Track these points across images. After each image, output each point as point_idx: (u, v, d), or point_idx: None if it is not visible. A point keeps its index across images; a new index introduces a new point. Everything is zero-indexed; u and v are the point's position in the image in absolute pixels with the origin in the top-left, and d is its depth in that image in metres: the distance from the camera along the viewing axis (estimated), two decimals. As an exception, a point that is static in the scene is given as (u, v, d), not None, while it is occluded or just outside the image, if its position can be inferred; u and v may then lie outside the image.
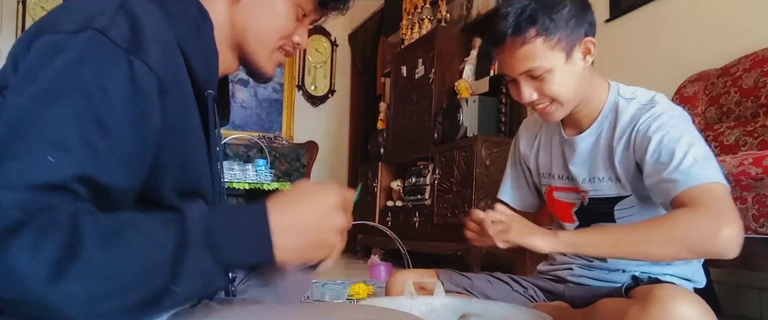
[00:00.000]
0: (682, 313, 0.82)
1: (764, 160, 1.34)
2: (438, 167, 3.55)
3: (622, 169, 1.14)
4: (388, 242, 3.44)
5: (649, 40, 2.64)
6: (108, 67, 0.60)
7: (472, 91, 3.54)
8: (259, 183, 3.57)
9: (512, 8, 1.09)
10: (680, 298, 0.84)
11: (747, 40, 2.13)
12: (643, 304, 0.85)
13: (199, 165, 0.76)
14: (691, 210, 0.94)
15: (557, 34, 1.08)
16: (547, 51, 1.08)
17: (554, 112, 1.16)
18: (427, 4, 4.32)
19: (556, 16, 1.08)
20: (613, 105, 1.17)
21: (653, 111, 1.10)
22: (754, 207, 1.34)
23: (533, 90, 1.13)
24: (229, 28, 0.82)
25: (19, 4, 4.97)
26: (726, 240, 0.89)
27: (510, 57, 1.11)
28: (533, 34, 1.07)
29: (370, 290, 2.33)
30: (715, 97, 2.09)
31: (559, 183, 1.28)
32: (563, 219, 1.30)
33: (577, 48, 1.11)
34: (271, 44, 0.85)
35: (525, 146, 1.38)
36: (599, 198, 1.20)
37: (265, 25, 0.83)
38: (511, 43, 1.09)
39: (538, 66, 1.09)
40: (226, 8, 0.81)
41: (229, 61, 0.85)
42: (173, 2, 0.73)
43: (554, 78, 1.10)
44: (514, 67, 1.12)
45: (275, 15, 0.83)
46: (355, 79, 5.96)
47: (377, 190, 4.36)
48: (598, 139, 1.18)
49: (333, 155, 5.92)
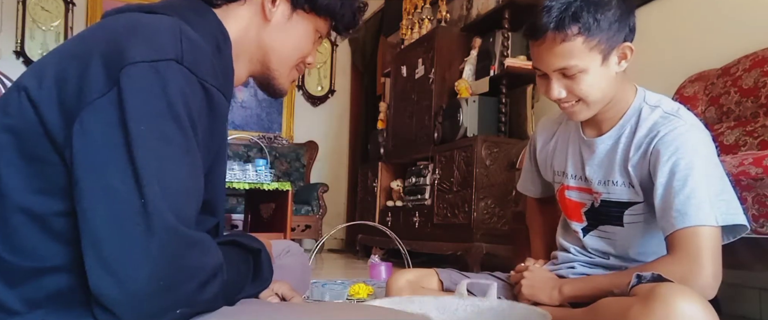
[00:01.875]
0: (685, 311, 0.82)
1: (764, 160, 1.34)
2: (438, 167, 3.55)
3: (636, 175, 1.14)
4: (388, 242, 3.44)
5: (648, 40, 2.64)
6: (192, 95, 0.68)
7: (472, 91, 3.54)
8: (259, 183, 3.56)
9: (556, 2, 1.06)
10: (683, 296, 0.84)
11: (747, 40, 2.13)
12: (646, 302, 0.85)
13: (219, 177, 0.83)
14: (673, 261, 1.02)
15: (599, 36, 1.06)
16: (586, 51, 1.07)
17: (579, 112, 1.15)
18: (427, 4, 4.32)
19: (601, 17, 1.05)
20: (637, 110, 1.17)
21: (675, 125, 1.09)
22: (754, 207, 1.34)
23: (563, 88, 1.12)
24: (253, 45, 0.88)
25: (19, 4, 4.98)
26: (698, 291, 0.95)
27: (547, 52, 1.09)
28: (575, 31, 1.05)
29: (370, 290, 2.33)
30: (715, 97, 2.09)
31: (573, 182, 1.28)
32: (572, 218, 1.29)
33: (615, 52, 1.10)
34: (292, 63, 0.93)
35: (542, 145, 1.38)
36: (612, 201, 1.20)
37: (290, 46, 0.91)
38: (551, 38, 1.07)
39: (574, 65, 1.08)
40: (254, 27, 0.88)
41: (239, 76, 0.90)
42: (199, 22, 0.79)
43: (586, 78, 1.09)
44: (549, 62, 1.10)
45: (299, 37, 0.91)
46: (355, 79, 5.96)
47: (377, 190, 4.36)
48: (617, 142, 1.18)
49: (333, 155, 5.92)
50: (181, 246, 0.63)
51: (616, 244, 1.23)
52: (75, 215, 0.63)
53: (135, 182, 0.61)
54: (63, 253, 0.66)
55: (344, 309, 0.93)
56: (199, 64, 0.69)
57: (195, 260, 0.65)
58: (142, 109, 0.63)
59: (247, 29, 0.87)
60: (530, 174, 1.46)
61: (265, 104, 5.73)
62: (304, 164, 5.63)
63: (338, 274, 3.28)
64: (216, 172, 0.81)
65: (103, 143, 0.62)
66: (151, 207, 0.61)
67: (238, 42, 0.85)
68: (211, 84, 0.71)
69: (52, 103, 0.66)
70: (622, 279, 1.03)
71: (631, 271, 1.04)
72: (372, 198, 4.44)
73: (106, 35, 0.69)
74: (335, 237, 5.53)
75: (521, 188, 1.51)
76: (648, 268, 1.03)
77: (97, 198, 0.61)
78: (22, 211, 0.66)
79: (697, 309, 0.83)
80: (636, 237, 1.19)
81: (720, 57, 2.19)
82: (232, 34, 0.84)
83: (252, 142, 5.26)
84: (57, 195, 0.66)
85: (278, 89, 0.94)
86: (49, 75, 0.67)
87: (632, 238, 1.20)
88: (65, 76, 0.66)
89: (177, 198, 0.64)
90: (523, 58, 3.36)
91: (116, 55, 0.65)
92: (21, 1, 4.97)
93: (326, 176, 5.74)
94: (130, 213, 0.60)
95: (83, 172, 0.62)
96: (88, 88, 0.64)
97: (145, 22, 0.70)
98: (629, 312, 0.87)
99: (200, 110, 0.69)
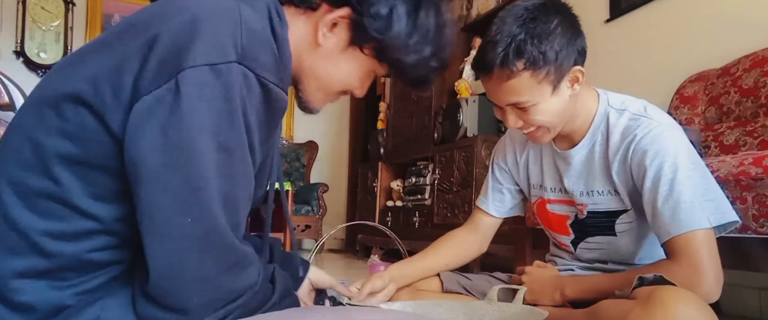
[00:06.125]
0: (684, 314, 0.82)
1: (764, 160, 1.34)
2: (438, 167, 3.55)
3: (620, 182, 1.13)
4: (388, 242, 3.44)
5: (649, 40, 2.64)
6: (250, 96, 0.65)
7: (472, 91, 3.54)
8: (259, 183, 3.56)
9: (501, 36, 1.02)
10: (682, 299, 0.83)
11: (747, 40, 2.13)
12: (645, 305, 0.85)
13: (265, 171, 0.83)
14: (673, 268, 1.00)
15: (546, 68, 1.03)
16: (534, 85, 1.04)
17: (542, 136, 1.14)
18: (427, 4, 4.32)
19: (546, 48, 1.01)
20: (604, 116, 1.15)
21: (649, 127, 1.07)
22: (754, 207, 1.34)
23: (518, 118, 1.10)
24: (295, 57, 0.77)
25: (19, 4, 4.97)
26: (703, 296, 0.95)
27: (496, 87, 1.07)
28: (521, 67, 1.02)
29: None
30: (715, 97, 2.08)
31: (553, 195, 1.26)
32: (558, 231, 1.28)
33: (565, 79, 1.07)
34: (334, 93, 0.85)
35: (513, 157, 1.35)
36: (600, 212, 1.18)
37: (333, 77, 0.82)
38: (498, 75, 1.04)
39: (525, 100, 1.06)
40: (301, 40, 0.79)
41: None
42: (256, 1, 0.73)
43: (539, 108, 1.07)
44: (499, 97, 1.09)
45: (349, 73, 0.82)
46: (355, 79, 5.96)
47: (377, 190, 4.36)
48: (592, 151, 1.16)
49: (333, 155, 5.92)
50: (229, 263, 0.68)
51: (609, 253, 1.21)
52: (133, 220, 0.65)
53: (196, 199, 0.62)
54: (120, 252, 0.70)
55: (367, 313, 0.92)
56: (259, 60, 0.65)
57: (236, 279, 0.70)
58: (203, 117, 0.61)
59: (296, 40, 0.77)
60: (495, 191, 1.37)
61: (265, 104, 5.72)
62: (304, 164, 5.63)
63: (338, 274, 3.28)
64: (263, 168, 0.79)
65: (163, 151, 0.61)
66: (212, 227, 0.64)
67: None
68: (271, 81, 0.66)
69: (115, 108, 0.64)
70: (625, 280, 1.02)
71: (634, 272, 1.03)
72: (372, 198, 4.44)
73: (162, 25, 0.64)
74: (335, 237, 5.53)
75: (483, 204, 1.38)
76: (649, 272, 1.01)
77: (155, 206, 0.62)
78: (85, 216, 0.67)
79: (697, 311, 0.83)
80: (630, 244, 1.18)
81: (720, 57, 2.19)
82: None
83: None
84: (114, 201, 0.67)
85: (309, 108, 0.86)
86: (102, 76, 0.64)
87: (627, 246, 1.19)
88: (121, 74, 0.63)
89: (234, 211, 0.66)
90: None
91: (175, 53, 0.62)
92: (21, 1, 4.97)
93: (326, 176, 5.74)
94: (189, 232, 0.63)
95: (141, 177, 0.62)
96: (144, 85, 0.62)
97: (204, 12, 0.64)
98: (629, 315, 0.87)
99: (258, 110, 0.66)
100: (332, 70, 0.81)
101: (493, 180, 1.38)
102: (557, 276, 1.22)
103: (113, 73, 0.63)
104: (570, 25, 1.06)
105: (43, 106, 0.67)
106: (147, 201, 0.62)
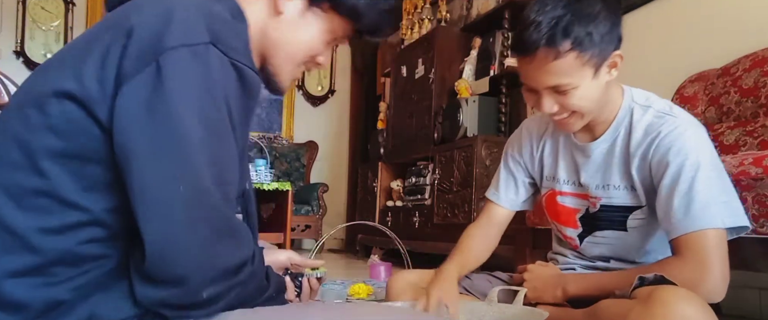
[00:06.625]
0: (685, 314, 0.82)
1: (764, 160, 1.34)
2: (438, 167, 3.55)
3: (638, 179, 1.12)
4: (388, 242, 3.44)
5: (649, 40, 2.64)
6: (226, 78, 0.68)
7: (472, 91, 3.54)
8: (259, 183, 3.56)
9: (545, 17, 1.00)
10: (683, 299, 0.83)
11: (747, 40, 2.13)
12: (646, 305, 0.85)
13: (244, 159, 0.84)
14: (681, 264, 1.00)
15: (591, 50, 1.02)
16: (578, 67, 1.03)
17: (573, 123, 1.12)
18: (427, 4, 4.32)
19: (593, 30, 1.01)
20: (628, 111, 1.15)
21: (674, 125, 1.07)
22: (754, 207, 1.34)
23: (555, 103, 1.08)
24: (260, 35, 0.83)
25: (19, 4, 4.97)
26: (709, 294, 0.97)
27: (538, 70, 1.04)
28: (567, 47, 1.00)
29: (369, 290, 2.33)
30: (715, 97, 2.09)
31: (566, 188, 1.25)
32: (565, 224, 1.27)
33: (606, 63, 1.07)
34: (298, 61, 0.89)
35: (529, 148, 1.33)
36: (613, 206, 1.18)
37: (298, 42, 0.86)
38: (543, 56, 1.02)
39: (566, 83, 1.04)
40: (264, 17, 0.84)
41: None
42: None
43: (578, 93, 1.06)
44: (540, 80, 1.06)
45: (311, 35, 0.87)
46: (355, 79, 5.96)
47: (377, 190, 4.36)
48: (613, 145, 1.16)
49: (333, 155, 5.92)
50: (223, 230, 0.68)
51: (616, 248, 1.21)
52: (123, 211, 0.67)
53: (186, 166, 0.65)
54: (111, 245, 0.71)
55: (368, 308, 0.92)
56: (231, 45, 0.69)
57: (231, 249, 0.70)
58: (186, 93, 0.65)
59: (256, 19, 0.82)
60: (507, 183, 1.36)
61: (265, 104, 5.73)
62: (304, 164, 5.63)
63: (338, 274, 3.28)
64: (242, 159, 0.81)
65: (150, 127, 0.64)
66: (203, 191, 0.65)
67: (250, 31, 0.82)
68: (243, 63, 0.70)
69: (101, 99, 0.66)
70: (627, 279, 1.02)
71: (636, 271, 1.03)
72: (372, 198, 4.44)
73: (138, 18, 0.68)
74: (335, 237, 5.53)
75: (494, 196, 1.37)
76: (654, 270, 1.01)
77: (147, 180, 0.64)
78: (74, 208, 0.68)
79: (697, 311, 0.83)
80: (639, 241, 1.18)
81: (720, 57, 2.19)
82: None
83: (252, 142, 5.26)
84: (103, 192, 0.69)
85: (279, 86, 0.90)
86: (87, 71, 0.67)
87: (635, 242, 1.18)
88: (104, 66, 0.67)
89: (222, 181, 0.68)
90: (523, 58, 3.36)
91: (153, 40, 0.65)
92: (21, 1, 4.97)
93: (326, 176, 5.74)
94: (182, 197, 0.64)
95: (130, 157, 0.65)
96: (126, 72, 0.65)
97: (176, 3, 0.69)
98: (629, 315, 0.87)
99: (235, 90, 0.70)
100: (296, 36, 0.86)
101: (506, 172, 1.37)
102: (559, 273, 1.22)
103: (98, 67, 0.66)
104: (612, 9, 1.06)
105: (24, 108, 0.70)
106: (138, 178, 0.64)
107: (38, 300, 0.67)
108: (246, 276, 0.73)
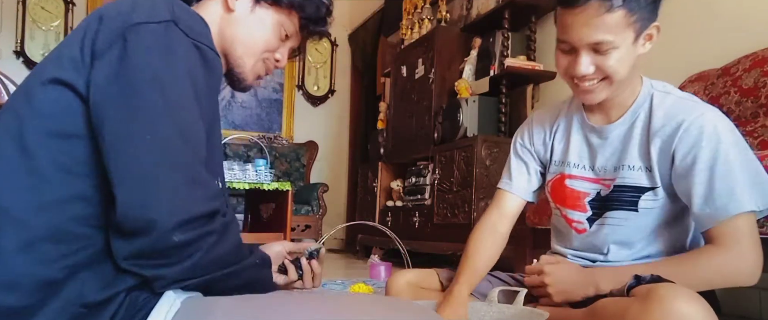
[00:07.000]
0: (683, 312, 0.82)
1: (764, 160, 1.34)
2: (438, 167, 3.55)
3: (656, 160, 1.12)
4: (388, 242, 3.45)
5: (649, 40, 2.64)
6: (188, 55, 0.75)
7: (472, 91, 3.54)
8: (259, 183, 3.56)
9: None
10: (681, 297, 0.83)
11: (747, 40, 2.13)
12: (644, 303, 0.85)
13: (217, 139, 0.89)
14: (716, 253, 1.03)
15: (638, 12, 1.02)
16: (624, 27, 1.03)
17: (600, 91, 1.11)
18: (427, 4, 4.32)
19: None
20: (648, 96, 1.15)
21: (700, 111, 1.08)
22: (754, 207, 1.34)
23: (591, 63, 1.07)
24: (218, 36, 0.92)
25: (19, 4, 4.98)
26: (746, 279, 1.01)
27: (583, 24, 1.03)
28: (620, 2, 1.00)
29: (369, 290, 2.33)
30: (715, 97, 2.08)
31: (576, 171, 1.24)
32: (572, 208, 1.25)
33: (646, 31, 1.07)
34: (257, 53, 0.96)
35: (541, 136, 1.33)
36: (627, 186, 1.16)
37: (253, 36, 0.95)
38: (595, 8, 1.01)
39: (610, 40, 1.03)
40: (218, 18, 0.93)
41: None
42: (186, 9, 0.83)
43: (617, 54, 1.05)
44: (584, 34, 1.04)
45: (263, 30, 0.95)
46: (355, 79, 5.96)
47: (377, 190, 4.36)
48: (632, 127, 1.16)
49: (333, 155, 5.92)
50: (191, 179, 0.72)
51: (622, 231, 1.17)
52: (107, 188, 0.71)
53: (154, 125, 0.70)
54: (98, 225, 0.74)
55: (364, 297, 0.93)
56: (192, 28, 0.76)
57: (199, 196, 0.74)
58: (149, 58, 0.71)
59: (212, 20, 0.90)
60: (524, 166, 1.35)
61: (265, 104, 5.73)
62: (304, 164, 5.63)
63: (338, 274, 3.28)
64: (215, 134, 0.85)
65: (117, 88, 0.71)
66: (170, 142, 0.71)
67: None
68: (204, 44, 0.77)
69: (81, 77, 0.73)
70: (656, 270, 1.02)
71: (672, 260, 1.08)
72: (372, 198, 4.44)
73: (106, 7, 0.77)
74: (335, 237, 5.54)
75: (506, 185, 1.35)
76: (689, 260, 1.05)
77: (117, 136, 0.70)
78: (62, 184, 0.73)
79: (695, 309, 0.83)
80: (647, 225, 1.15)
81: (720, 57, 2.19)
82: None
83: (252, 142, 5.26)
84: (88, 169, 0.74)
85: (242, 81, 0.97)
86: (70, 58, 0.75)
87: (643, 226, 1.15)
88: (83, 51, 0.74)
89: (189, 138, 0.73)
90: (523, 58, 3.36)
91: (120, 20, 0.73)
92: (21, 1, 4.97)
93: (326, 176, 5.74)
94: (148, 147, 0.70)
95: (103, 120, 0.71)
96: (98, 49, 0.73)
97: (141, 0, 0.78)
98: (627, 313, 0.87)
99: (198, 70, 0.76)
100: (249, 31, 0.95)
101: (516, 161, 1.36)
102: (581, 270, 1.14)
103: (76, 50, 0.74)
104: None
105: (16, 106, 0.76)
106: (109, 140, 0.70)
107: (29, 279, 0.70)
108: (219, 226, 0.75)
